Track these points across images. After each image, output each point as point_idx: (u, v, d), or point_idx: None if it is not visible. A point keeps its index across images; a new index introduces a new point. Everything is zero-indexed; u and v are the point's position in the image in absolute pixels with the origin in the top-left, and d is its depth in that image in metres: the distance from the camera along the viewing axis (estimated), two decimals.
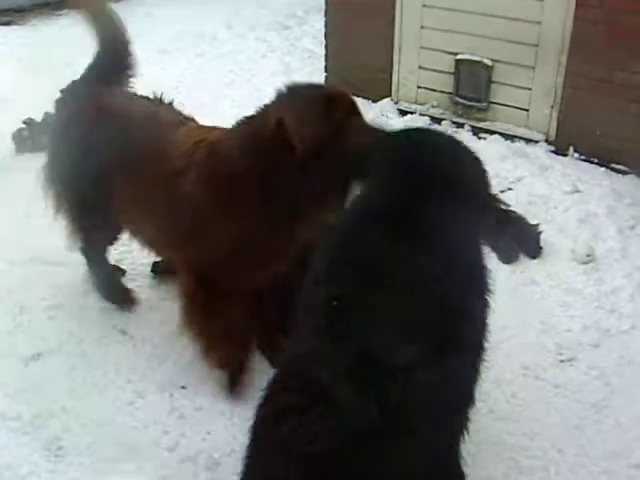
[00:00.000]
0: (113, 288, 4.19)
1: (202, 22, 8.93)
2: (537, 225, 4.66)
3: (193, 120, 3.78)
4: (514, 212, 4.75)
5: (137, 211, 3.68)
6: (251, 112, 3.35)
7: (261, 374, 3.31)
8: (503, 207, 4.79)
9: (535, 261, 4.58)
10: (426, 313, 2.25)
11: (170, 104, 3.87)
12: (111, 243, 4.16)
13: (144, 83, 5.43)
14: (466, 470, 2.68)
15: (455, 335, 2.26)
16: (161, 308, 4.10)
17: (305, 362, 2.21)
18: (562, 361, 3.82)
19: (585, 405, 3.53)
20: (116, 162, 3.58)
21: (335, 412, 2.03)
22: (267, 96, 6.26)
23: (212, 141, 3.38)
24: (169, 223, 3.47)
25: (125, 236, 4.02)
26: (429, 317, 2.25)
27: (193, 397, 3.54)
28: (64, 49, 7.55)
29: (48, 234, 4.37)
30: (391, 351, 2.12)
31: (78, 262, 4.22)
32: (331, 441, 2.00)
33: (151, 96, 3.91)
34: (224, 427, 3.36)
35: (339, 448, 2.01)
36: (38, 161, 4.07)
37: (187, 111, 3.88)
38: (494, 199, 4.82)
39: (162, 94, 3.89)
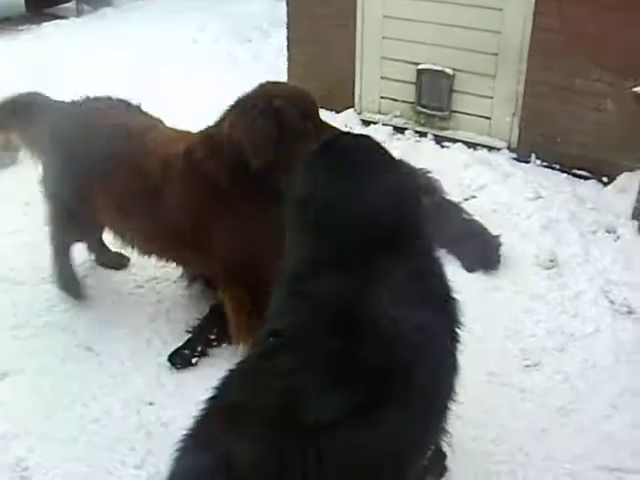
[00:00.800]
0: (70, 280, 4.26)
1: (166, 36, 8.89)
2: (497, 236, 4.69)
3: (160, 121, 4.03)
4: (475, 220, 4.82)
5: (126, 223, 3.88)
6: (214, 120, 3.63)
7: None
8: (463, 214, 4.86)
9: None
10: (367, 360, 2.08)
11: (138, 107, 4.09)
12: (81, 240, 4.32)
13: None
14: None
15: (396, 388, 2.09)
16: (127, 323, 4.07)
17: (223, 415, 2.09)
18: (527, 366, 3.85)
19: (551, 409, 3.56)
20: (93, 176, 3.76)
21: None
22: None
23: (186, 153, 3.59)
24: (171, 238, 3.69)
25: None
26: (369, 366, 2.07)
27: (160, 413, 3.52)
28: (24, 64, 7.52)
29: (10, 252, 4.36)
30: (312, 408, 1.96)
31: (40, 281, 4.19)
32: None
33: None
34: None
35: None
36: None
37: None
38: (454, 205, 4.88)
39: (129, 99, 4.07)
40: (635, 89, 4.68)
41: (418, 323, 2.18)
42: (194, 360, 3.80)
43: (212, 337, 3.91)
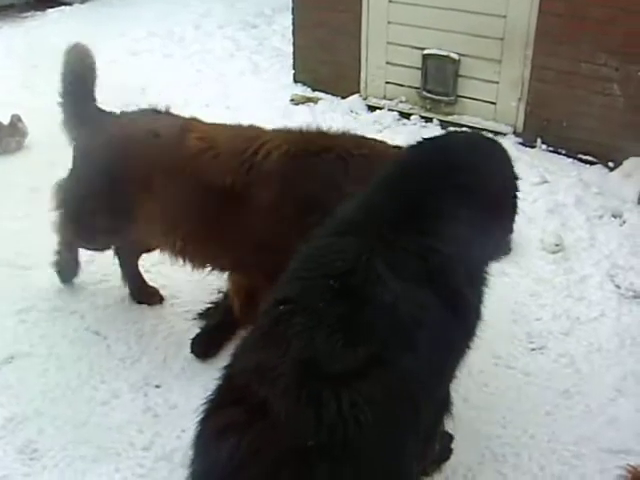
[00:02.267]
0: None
1: (170, 22, 8.89)
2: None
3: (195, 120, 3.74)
4: None
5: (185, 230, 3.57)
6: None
7: None
8: None
9: None
10: (374, 318, 2.19)
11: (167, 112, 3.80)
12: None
13: (113, 85, 5.42)
14: None
15: (408, 343, 2.20)
16: (134, 308, 4.10)
17: (247, 375, 2.15)
18: (533, 349, 3.87)
19: (556, 392, 3.58)
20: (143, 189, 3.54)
21: (274, 429, 1.98)
22: (235, 95, 6.32)
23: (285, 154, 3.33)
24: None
25: None
26: (377, 323, 2.18)
27: (167, 396, 3.54)
28: (29, 51, 7.53)
29: (17, 237, 4.36)
30: (332, 360, 2.08)
31: (47, 265, 4.21)
32: (272, 459, 1.96)
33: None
34: None
35: (280, 466, 1.96)
36: (3, 163, 4.04)
37: None
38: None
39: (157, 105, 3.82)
40: None
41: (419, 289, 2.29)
42: (215, 351, 3.79)
43: (233, 328, 3.89)
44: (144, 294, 4.18)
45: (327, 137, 3.41)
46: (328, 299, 2.21)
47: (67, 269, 4.20)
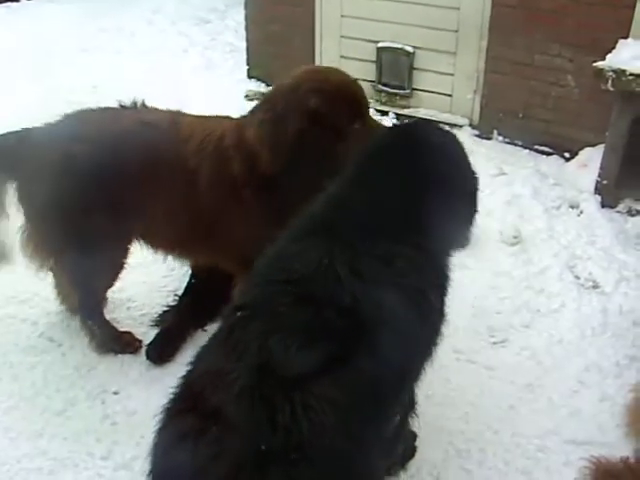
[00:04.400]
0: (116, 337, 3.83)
1: (121, 18, 8.73)
2: None
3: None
4: None
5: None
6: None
7: None
8: None
9: None
10: (332, 321, 2.17)
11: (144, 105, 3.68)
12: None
13: (63, 82, 5.30)
14: None
15: (367, 345, 2.17)
16: None
17: (202, 381, 2.14)
18: (494, 343, 3.87)
19: (519, 386, 3.58)
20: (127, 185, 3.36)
21: (228, 434, 1.97)
22: (189, 92, 6.22)
23: (219, 138, 3.34)
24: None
25: None
26: (335, 326, 2.17)
27: (125, 402, 3.47)
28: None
29: None
30: (287, 364, 2.06)
31: None
32: (228, 465, 1.94)
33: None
34: None
35: (236, 472, 1.94)
36: None
37: None
38: None
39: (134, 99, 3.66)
40: (595, 64, 4.68)
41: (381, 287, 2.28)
42: (171, 355, 3.73)
43: (187, 330, 3.86)
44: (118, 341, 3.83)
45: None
46: (286, 304, 2.20)
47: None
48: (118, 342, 3.78)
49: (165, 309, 3.98)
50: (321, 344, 2.12)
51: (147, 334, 3.84)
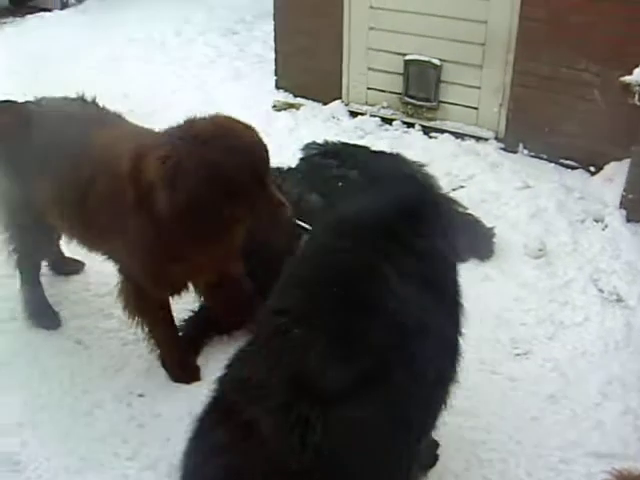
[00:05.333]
0: (42, 312, 4.09)
1: (150, 29, 8.85)
2: (491, 228, 4.71)
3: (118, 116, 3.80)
4: (469, 214, 4.84)
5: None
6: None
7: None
8: (458, 208, 4.88)
9: None
10: (375, 329, 2.14)
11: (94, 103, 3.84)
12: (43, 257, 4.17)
13: (94, 91, 5.35)
14: None
15: (408, 357, 2.14)
16: (116, 316, 4.04)
17: (236, 391, 2.13)
18: (518, 354, 3.87)
19: (541, 397, 3.58)
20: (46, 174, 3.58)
21: (260, 451, 1.95)
22: (217, 102, 6.28)
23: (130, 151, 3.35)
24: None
25: None
26: (378, 334, 2.13)
27: (151, 404, 3.52)
28: (8, 58, 7.46)
29: None
30: (323, 378, 2.01)
31: None
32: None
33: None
34: (183, 433, 3.31)
35: None
36: None
37: (137, 118, 3.85)
38: (449, 200, 4.92)
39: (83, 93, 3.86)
40: (622, 79, 4.68)
41: (421, 303, 2.25)
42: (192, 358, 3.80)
43: (207, 337, 3.93)
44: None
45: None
46: (329, 309, 2.16)
47: (44, 311, 4.10)
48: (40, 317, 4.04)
49: (189, 316, 4.02)
50: (361, 357, 2.07)
51: None
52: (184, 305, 4.03)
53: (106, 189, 3.35)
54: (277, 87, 7.17)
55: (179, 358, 3.71)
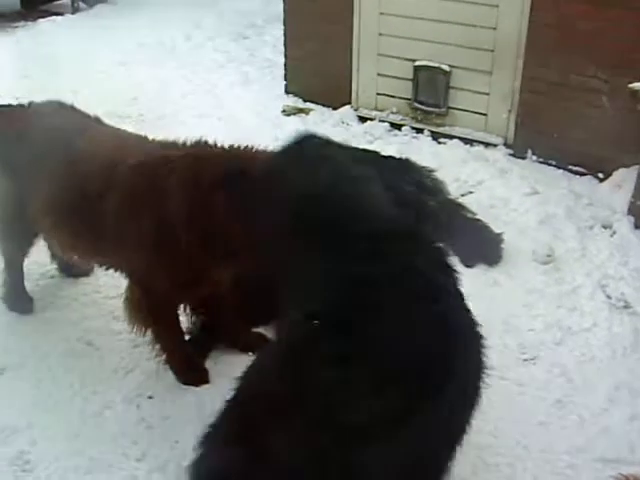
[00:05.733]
0: (18, 297, 4.19)
1: (161, 34, 8.90)
2: (500, 234, 4.73)
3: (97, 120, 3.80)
4: (478, 219, 4.85)
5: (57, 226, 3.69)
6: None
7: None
8: (467, 214, 4.89)
9: None
10: (415, 348, 1.96)
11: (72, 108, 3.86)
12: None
13: (104, 95, 5.42)
14: None
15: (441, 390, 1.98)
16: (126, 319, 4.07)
17: (256, 405, 1.97)
18: (525, 360, 3.88)
19: (549, 402, 3.59)
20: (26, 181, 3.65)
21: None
22: (226, 106, 6.29)
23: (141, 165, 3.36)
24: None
25: None
26: (417, 356, 1.95)
27: (160, 406, 3.53)
28: (20, 62, 7.51)
29: None
30: (352, 408, 1.83)
31: (40, 276, 4.19)
32: None
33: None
34: (192, 435, 3.32)
35: None
36: None
37: (147, 122, 3.87)
38: (458, 205, 4.93)
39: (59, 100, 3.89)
40: (630, 85, 4.70)
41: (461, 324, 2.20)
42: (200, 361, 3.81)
43: (213, 340, 3.93)
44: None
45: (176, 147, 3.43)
46: (365, 313, 1.98)
47: (20, 297, 4.19)
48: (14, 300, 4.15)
49: (195, 320, 4.03)
50: (395, 388, 1.88)
51: None
52: None
53: (131, 199, 3.33)
54: (287, 92, 7.20)
55: (187, 361, 3.73)
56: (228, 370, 3.51)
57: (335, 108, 6.75)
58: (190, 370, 3.70)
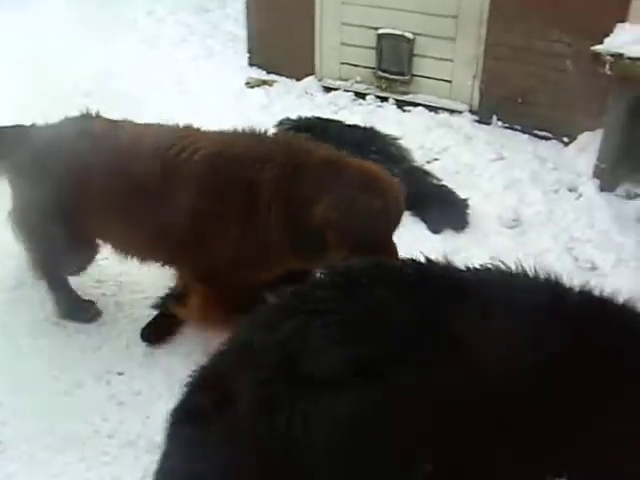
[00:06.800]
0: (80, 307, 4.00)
1: (121, 7, 8.75)
2: (466, 199, 4.74)
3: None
4: (443, 185, 4.87)
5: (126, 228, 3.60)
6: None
7: None
8: (432, 180, 4.91)
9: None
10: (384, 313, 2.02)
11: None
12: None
13: (65, 70, 5.32)
14: None
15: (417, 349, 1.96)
16: (93, 297, 4.04)
17: (233, 354, 2.07)
18: None
19: None
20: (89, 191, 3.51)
21: (234, 426, 1.88)
22: (189, 80, 6.19)
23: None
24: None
25: None
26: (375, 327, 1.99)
27: (130, 383, 3.52)
28: None
29: None
30: (313, 359, 1.89)
31: (5, 257, 4.14)
32: (226, 457, 1.88)
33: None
34: (163, 410, 3.32)
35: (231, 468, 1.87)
36: None
37: (109, 99, 3.80)
38: (424, 172, 4.95)
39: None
40: (593, 48, 4.71)
41: None
42: (166, 336, 3.78)
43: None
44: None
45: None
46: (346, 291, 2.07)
47: (79, 306, 3.99)
48: (77, 310, 3.93)
49: (167, 293, 4.01)
50: (359, 342, 1.93)
51: (151, 317, 3.87)
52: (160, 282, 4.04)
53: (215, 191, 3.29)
54: (250, 64, 7.15)
55: None
56: (199, 347, 3.52)
57: (299, 79, 6.71)
58: None
